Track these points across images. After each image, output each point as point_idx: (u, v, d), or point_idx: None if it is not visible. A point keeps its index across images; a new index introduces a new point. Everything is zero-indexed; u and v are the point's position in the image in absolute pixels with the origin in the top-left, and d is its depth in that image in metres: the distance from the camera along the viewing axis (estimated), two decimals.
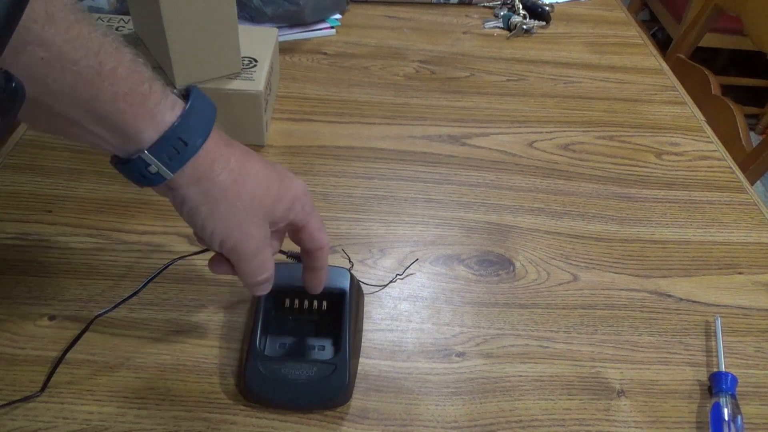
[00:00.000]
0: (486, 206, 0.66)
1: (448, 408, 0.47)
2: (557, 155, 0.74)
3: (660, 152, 0.76)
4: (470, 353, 0.51)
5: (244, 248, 0.39)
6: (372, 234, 0.61)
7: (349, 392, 0.46)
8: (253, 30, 0.74)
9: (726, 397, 0.48)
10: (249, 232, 0.39)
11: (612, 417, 0.48)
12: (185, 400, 0.46)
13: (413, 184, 0.67)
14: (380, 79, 0.84)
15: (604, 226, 0.65)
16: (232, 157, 0.38)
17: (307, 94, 0.79)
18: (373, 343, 0.51)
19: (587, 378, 0.51)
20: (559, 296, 0.57)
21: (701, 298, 0.58)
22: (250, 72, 0.66)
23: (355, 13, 0.98)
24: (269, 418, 0.45)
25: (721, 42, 2.02)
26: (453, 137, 0.75)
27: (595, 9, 1.08)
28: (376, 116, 0.77)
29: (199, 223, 0.38)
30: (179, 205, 0.38)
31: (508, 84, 0.86)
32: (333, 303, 0.50)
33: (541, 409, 0.48)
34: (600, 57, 0.94)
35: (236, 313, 0.52)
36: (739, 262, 0.62)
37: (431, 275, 0.58)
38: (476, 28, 0.99)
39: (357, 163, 0.69)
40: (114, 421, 0.44)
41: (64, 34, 0.30)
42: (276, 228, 0.41)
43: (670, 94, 0.87)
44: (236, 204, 0.38)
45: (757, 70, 2.27)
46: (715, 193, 0.71)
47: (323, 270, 0.46)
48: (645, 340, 0.54)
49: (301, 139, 0.71)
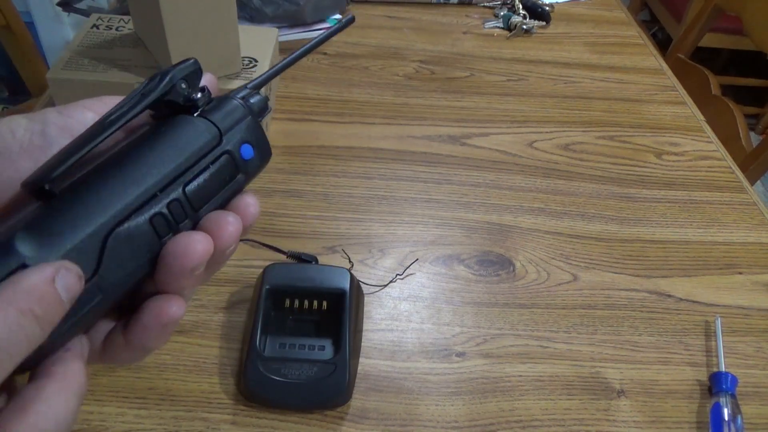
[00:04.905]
0: (486, 206, 0.66)
1: (448, 408, 0.47)
2: (557, 155, 0.74)
3: (660, 152, 0.76)
4: (470, 353, 0.51)
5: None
6: (372, 234, 0.61)
7: (349, 392, 0.46)
8: (253, 30, 0.74)
9: (726, 397, 0.48)
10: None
11: (612, 417, 0.48)
12: (185, 400, 0.46)
13: (413, 184, 0.67)
14: (380, 79, 0.84)
15: (604, 226, 0.65)
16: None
17: (307, 94, 0.79)
18: (373, 343, 0.51)
19: (587, 378, 0.51)
20: (559, 296, 0.57)
21: (701, 298, 0.58)
22: (250, 72, 0.66)
23: (355, 13, 0.98)
24: (269, 418, 0.45)
25: (721, 42, 2.02)
26: (453, 137, 0.75)
27: (595, 9, 1.08)
28: (376, 116, 0.77)
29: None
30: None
31: (508, 84, 0.86)
32: (333, 303, 0.50)
33: (541, 409, 0.48)
34: (600, 57, 0.94)
35: (236, 313, 0.52)
36: (739, 262, 0.62)
37: (431, 275, 0.58)
38: (476, 28, 0.99)
39: (357, 163, 0.69)
40: (114, 421, 0.44)
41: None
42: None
43: (670, 94, 0.87)
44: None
45: (757, 70, 2.27)
46: (715, 193, 0.71)
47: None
48: (645, 340, 0.54)
49: (301, 139, 0.71)
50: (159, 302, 0.24)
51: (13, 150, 0.25)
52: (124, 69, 0.65)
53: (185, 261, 0.24)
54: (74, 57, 0.65)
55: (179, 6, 0.58)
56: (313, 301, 0.51)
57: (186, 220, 0.25)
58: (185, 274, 0.24)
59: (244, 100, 0.28)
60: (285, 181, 0.65)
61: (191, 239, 0.24)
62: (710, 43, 1.95)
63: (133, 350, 0.25)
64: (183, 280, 0.24)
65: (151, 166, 0.24)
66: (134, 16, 0.69)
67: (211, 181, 0.26)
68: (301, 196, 0.64)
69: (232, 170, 0.27)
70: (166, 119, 0.26)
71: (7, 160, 0.25)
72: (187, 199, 0.25)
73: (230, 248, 0.26)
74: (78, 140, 0.25)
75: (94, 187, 0.23)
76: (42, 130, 0.26)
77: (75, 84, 0.63)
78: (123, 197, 0.23)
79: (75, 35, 0.69)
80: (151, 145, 0.25)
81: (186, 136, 0.26)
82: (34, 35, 1.72)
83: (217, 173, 0.26)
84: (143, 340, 0.25)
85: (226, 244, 0.25)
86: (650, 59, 0.95)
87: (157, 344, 0.25)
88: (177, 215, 0.25)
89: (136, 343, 0.25)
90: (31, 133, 0.25)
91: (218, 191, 0.26)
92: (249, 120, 0.28)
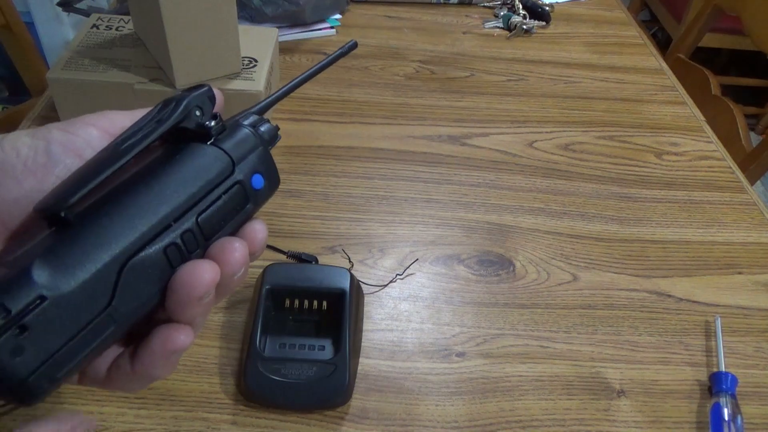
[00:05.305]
0: (486, 206, 0.66)
1: (448, 408, 0.47)
2: (557, 155, 0.74)
3: (660, 152, 0.76)
4: (470, 353, 0.51)
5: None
6: (372, 234, 0.61)
7: (349, 392, 0.46)
8: (253, 30, 0.74)
9: (726, 397, 0.48)
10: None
11: (612, 417, 0.48)
12: (185, 400, 0.46)
13: (413, 184, 0.67)
14: (380, 79, 0.84)
15: (604, 226, 0.65)
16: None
17: (307, 94, 0.79)
18: (373, 343, 0.51)
19: (587, 378, 0.51)
20: (559, 296, 0.57)
21: (701, 298, 0.58)
22: (250, 72, 0.66)
23: (355, 13, 0.98)
24: (269, 418, 0.45)
25: (721, 42, 2.02)
26: (453, 137, 0.75)
27: (595, 9, 1.08)
28: (376, 116, 0.77)
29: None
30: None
31: (508, 84, 0.86)
32: (333, 303, 0.50)
33: (541, 409, 0.48)
34: (600, 57, 0.94)
35: (236, 313, 0.52)
36: (739, 262, 0.62)
37: (431, 275, 0.58)
38: (476, 28, 0.99)
39: (357, 163, 0.69)
40: (114, 421, 0.44)
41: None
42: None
43: (670, 94, 0.87)
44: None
45: (757, 70, 2.27)
46: (715, 193, 0.71)
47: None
48: (645, 340, 0.54)
49: (301, 139, 0.71)
50: (168, 330, 0.24)
51: (18, 169, 0.25)
52: (124, 69, 0.65)
53: (193, 290, 0.24)
54: (74, 57, 0.65)
55: (179, 6, 0.58)
56: (313, 301, 0.51)
57: (197, 249, 0.25)
58: (193, 303, 0.24)
59: (255, 129, 0.28)
60: (285, 181, 0.65)
61: (198, 268, 0.24)
62: (710, 43, 1.95)
63: (138, 378, 0.25)
64: (192, 308, 0.24)
65: (166, 196, 0.25)
66: (134, 16, 0.69)
67: (223, 210, 0.26)
68: (301, 196, 0.64)
69: (243, 200, 0.27)
70: (179, 146, 0.26)
71: (12, 180, 0.24)
72: (199, 229, 0.25)
73: (238, 274, 0.26)
74: (92, 165, 0.24)
75: (110, 216, 0.23)
76: (46, 147, 0.25)
77: (75, 84, 0.63)
78: (139, 227, 0.23)
79: (75, 35, 0.69)
80: (165, 173, 0.25)
81: (200, 165, 0.26)
82: (34, 35, 1.72)
83: (228, 203, 0.26)
84: (150, 368, 0.25)
85: (233, 270, 0.25)
86: (650, 59, 0.95)
87: (163, 373, 0.25)
88: (189, 245, 0.25)
89: (142, 371, 0.25)
90: (35, 151, 0.25)
91: (229, 221, 0.27)
92: (260, 150, 0.28)
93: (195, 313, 0.25)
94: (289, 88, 0.32)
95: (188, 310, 0.24)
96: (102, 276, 0.22)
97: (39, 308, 0.21)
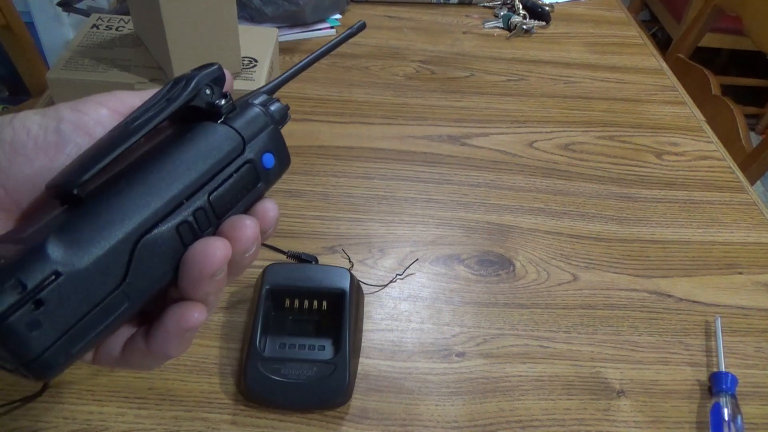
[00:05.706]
0: (486, 206, 0.66)
1: (448, 408, 0.47)
2: (557, 155, 0.74)
3: (660, 152, 0.76)
4: (470, 353, 0.51)
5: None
6: (372, 234, 0.61)
7: (349, 392, 0.46)
8: (253, 30, 0.74)
9: (726, 397, 0.48)
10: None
11: (612, 417, 0.48)
12: (185, 400, 0.46)
13: (413, 184, 0.67)
14: (380, 79, 0.84)
15: (604, 226, 0.65)
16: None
17: (307, 94, 0.79)
18: (373, 343, 0.51)
19: (587, 378, 0.51)
20: (559, 296, 0.57)
21: (701, 298, 0.58)
22: (250, 72, 0.66)
23: (355, 13, 0.98)
24: (269, 418, 0.45)
25: (721, 42, 2.02)
26: (453, 137, 0.75)
27: (595, 9, 1.08)
28: (376, 116, 0.77)
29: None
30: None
31: (508, 84, 0.86)
32: (333, 303, 0.50)
33: (541, 409, 0.48)
34: (600, 57, 0.94)
35: (236, 313, 0.52)
36: (739, 262, 0.62)
37: (431, 275, 0.58)
38: (476, 28, 0.99)
39: (357, 163, 0.69)
40: (114, 421, 0.44)
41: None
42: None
43: (670, 94, 0.87)
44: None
45: (757, 70, 2.27)
46: (715, 193, 0.71)
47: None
48: (645, 340, 0.54)
49: (301, 139, 0.71)
50: (181, 308, 0.24)
51: (29, 147, 0.25)
52: (124, 69, 0.65)
53: (205, 267, 0.24)
54: (74, 57, 0.65)
55: (179, 6, 0.58)
56: (313, 301, 0.51)
57: (209, 227, 0.25)
58: (205, 280, 0.24)
59: (265, 108, 0.28)
60: (285, 181, 0.65)
61: (210, 245, 0.24)
62: (710, 43, 1.95)
63: (153, 356, 0.25)
64: (204, 286, 0.24)
65: (178, 174, 0.25)
66: (134, 16, 0.69)
67: (234, 189, 0.26)
68: (301, 196, 0.64)
69: (254, 179, 0.27)
70: (189, 125, 0.26)
71: (23, 157, 0.24)
72: (211, 207, 0.25)
73: (250, 252, 0.26)
74: (103, 144, 0.24)
75: (123, 194, 0.23)
76: (56, 126, 0.25)
77: (75, 84, 0.63)
78: (151, 205, 0.24)
79: (75, 35, 0.69)
80: (177, 151, 0.25)
81: (211, 144, 0.26)
82: (34, 35, 1.72)
83: (239, 181, 0.26)
84: (164, 346, 0.25)
85: (244, 247, 0.25)
86: (650, 59, 0.95)
87: (177, 351, 0.25)
88: (201, 223, 0.25)
89: (156, 349, 0.25)
90: (45, 130, 0.25)
91: (240, 199, 0.27)
92: (271, 129, 0.28)
93: (208, 291, 0.25)
94: (299, 68, 0.32)
95: (201, 288, 0.24)
96: (116, 253, 0.22)
97: (54, 284, 0.21)
